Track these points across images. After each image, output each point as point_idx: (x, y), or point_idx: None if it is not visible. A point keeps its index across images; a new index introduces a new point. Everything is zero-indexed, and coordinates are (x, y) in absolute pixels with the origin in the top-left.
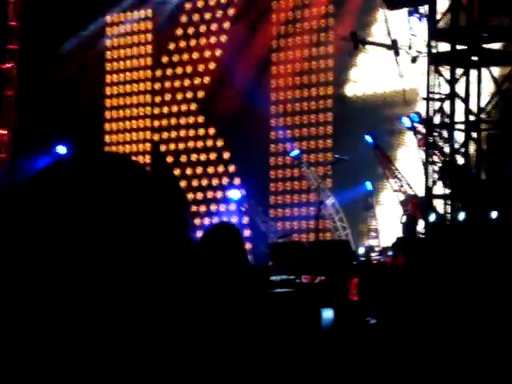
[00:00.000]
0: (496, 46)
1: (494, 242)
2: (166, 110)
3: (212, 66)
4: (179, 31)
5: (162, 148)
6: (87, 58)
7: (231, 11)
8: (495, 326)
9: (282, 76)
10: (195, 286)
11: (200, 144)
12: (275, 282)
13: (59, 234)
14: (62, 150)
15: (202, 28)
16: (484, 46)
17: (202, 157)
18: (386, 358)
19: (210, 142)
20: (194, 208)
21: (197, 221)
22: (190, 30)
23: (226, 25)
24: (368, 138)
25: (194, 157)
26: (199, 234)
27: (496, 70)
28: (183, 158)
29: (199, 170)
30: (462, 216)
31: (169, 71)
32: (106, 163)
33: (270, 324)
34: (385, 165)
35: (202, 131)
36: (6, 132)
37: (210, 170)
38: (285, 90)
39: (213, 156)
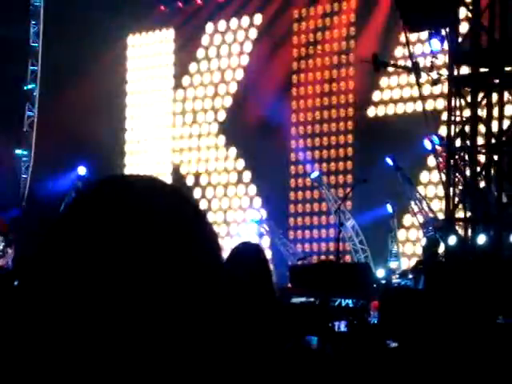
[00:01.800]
0: None
1: None
2: (186, 131)
3: (233, 87)
4: (201, 52)
5: (183, 170)
6: (108, 78)
7: (253, 33)
8: None
9: (302, 98)
10: (226, 307)
11: (220, 165)
12: (295, 304)
13: (96, 262)
14: (82, 170)
15: (224, 49)
16: (506, 68)
17: (223, 178)
18: (405, 381)
19: (230, 163)
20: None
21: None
22: (212, 52)
23: (248, 46)
24: (388, 161)
25: (214, 178)
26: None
27: None
28: (204, 180)
29: (220, 191)
30: (482, 239)
31: (190, 92)
32: (137, 187)
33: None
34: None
35: (222, 152)
36: (26, 152)
37: (231, 191)
38: (305, 111)
39: (233, 177)
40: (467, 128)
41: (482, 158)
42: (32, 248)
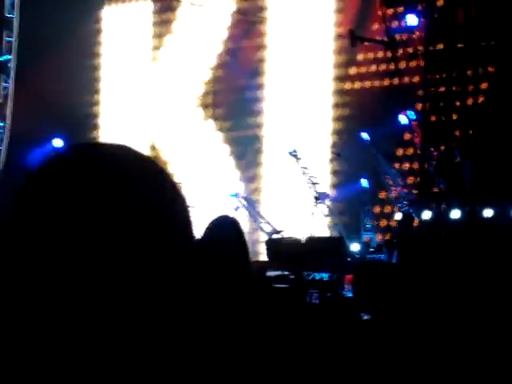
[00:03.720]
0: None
1: (488, 240)
2: (163, 104)
3: (210, 60)
4: (178, 25)
5: (160, 143)
6: (83, 51)
7: (232, 6)
8: (490, 322)
9: (280, 72)
10: (201, 282)
11: (198, 139)
12: (271, 278)
13: (61, 232)
14: (58, 143)
15: (202, 22)
16: (482, 43)
17: (200, 152)
18: (378, 353)
19: (208, 137)
20: (190, 203)
21: (193, 215)
22: (189, 24)
23: (225, 20)
24: (364, 135)
25: (191, 152)
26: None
27: (492, 68)
28: (181, 153)
29: (197, 165)
30: (456, 214)
31: (167, 66)
32: (108, 154)
33: (269, 318)
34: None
35: (200, 126)
36: (1, 124)
37: (208, 165)
38: (282, 85)
39: (210, 151)
40: (442, 103)
41: (457, 133)
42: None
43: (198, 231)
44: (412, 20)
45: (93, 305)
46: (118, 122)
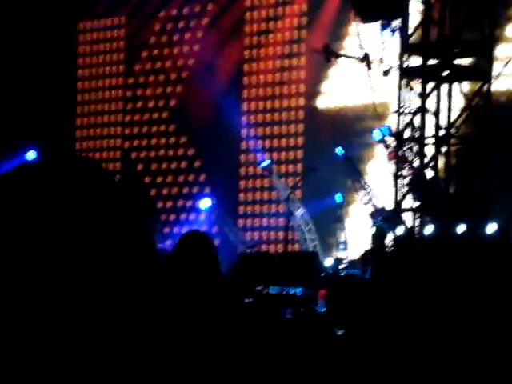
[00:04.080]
0: (467, 61)
1: (460, 255)
2: (137, 117)
3: (184, 74)
4: (152, 39)
5: (133, 155)
6: (60, 64)
7: (205, 20)
8: (463, 338)
9: (253, 86)
10: (166, 296)
11: (171, 152)
12: (244, 292)
13: (17, 239)
14: (31, 155)
15: (176, 36)
16: (455, 61)
17: (173, 165)
18: (352, 369)
19: (180, 151)
20: (163, 216)
21: (166, 229)
22: (164, 39)
23: (200, 34)
24: (338, 150)
25: (164, 165)
26: (169, 242)
27: (466, 86)
28: (154, 166)
29: (170, 178)
30: (429, 229)
31: (141, 79)
32: (72, 167)
33: (242, 334)
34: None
35: (173, 139)
36: None
37: (181, 178)
38: (256, 100)
39: (183, 164)
40: (416, 119)
41: (430, 149)
42: None
43: (171, 245)
44: (386, 36)
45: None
46: (93, 134)
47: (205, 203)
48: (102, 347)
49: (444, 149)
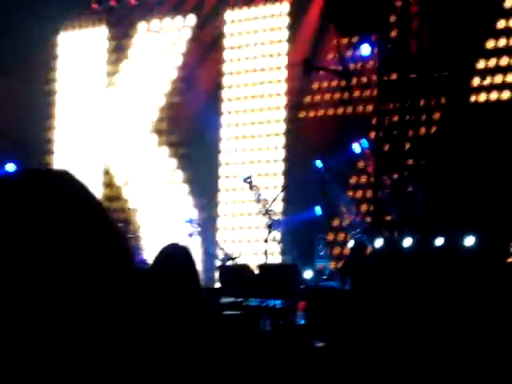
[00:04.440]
0: (446, 74)
1: (438, 268)
2: (118, 130)
3: (166, 87)
4: (133, 51)
5: (114, 168)
6: (38, 76)
7: (186, 33)
8: (438, 346)
9: (234, 99)
10: (145, 309)
11: (152, 164)
12: (224, 305)
13: None
14: (10, 167)
15: (157, 49)
16: (434, 74)
17: (154, 177)
18: (331, 380)
19: (162, 163)
20: (143, 229)
21: (146, 241)
22: (145, 51)
23: (181, 46)
24: (318, 163)
25: (145, 177)
26: (149, 254)
27: (444, 99)
28: (135, 179)
29: (151, 191)
30: (408, 242)
31: (122, 91)
32: (48, 179)
33: (221, 346)
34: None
35: (154, 152)
36: None
37: (162, 191)
38: (237, 113)
39: (164, 177)
40: (396, 132)
41: (409, 162)
42: None
43: (151, 258)
44: (366, 50)
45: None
46: (73, 147)
47: (184, 216)
48: (78, 358)
49: (423, 162)
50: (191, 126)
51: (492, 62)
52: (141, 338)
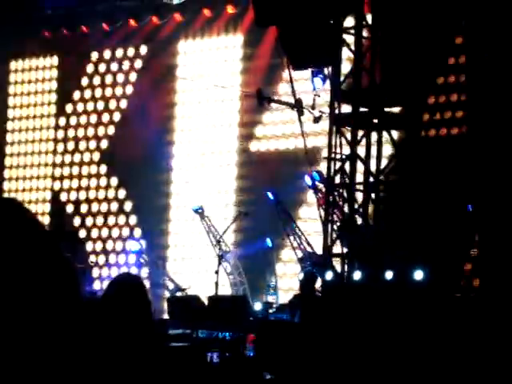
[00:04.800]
0: (396, 109)
1: (387, 302)
2: (68, 158)
3: (117, 116)
4: (85, 80)
5: (63, 197)
6: None
7: (138, 63)
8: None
9: (186, 129)
10: (94, 340)
11: (101, 194)
12: (172, 336)
13: None
14: None
15: (108, 78)
16: (385, 109)
17: (103, 207)
18: None
19: (111, 193)
20: (93, 258)
21: (96, 272)
22: (96, 80)
23: (133, 76)
24: (269, 195)
25: (94, 207)
26: (97, 284)
27: (395, 133)
28: (84, 208)
29: (100, 220)
30: (357, 275)
31: (72, 120)
32: None
33: (169, 377)
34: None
35: (103, 181)
36: None
37: (111, 220)
38: (188, 143)
39: (114, 206)
40: (347, 165)
41: (359, 196)
42: None
43: (101, 288)
44: (318, 83)
45: None
46: (22, 174)
47: (133, 246)
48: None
49: (373, 195)
50: (142, 156)
51: (442, 98)
52: (87, 365)
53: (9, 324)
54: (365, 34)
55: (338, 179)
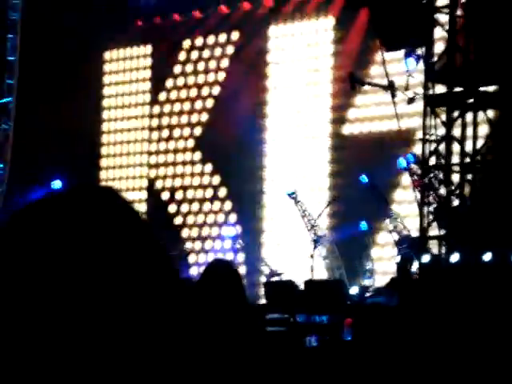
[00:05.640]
0: (492, 88)
1: (486, 283)
2: (162, 146)
3: (210, 103)
4: (178, 68)
5: (158, 185)
6: (84, 93)
7: (230, 49)
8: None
9: (278, 115)
10: (193, 326)
11: (196, 181)
12: (270, 321)
13: (40, 269)
14: (57, 184)
15: (201, 65)
16: (480, 88)
17: (198, 194)
18: None
19: (206, 179)
20: (189, 245)
21: (192, 258)
22: (189, 68)
23: (225, 63)
24: (363, 178)
25: (190, 194)
26: (194, 270)
27: (491, 113)
28: (179, 195)
29: (195, 206)
30: (455, 257)
31: (166, 108)
32: (95, 197)
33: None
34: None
35: (198, 168)
36: (1, 166)
37: (206, 206)
38: (281, 128)
39: (209, 193)
40: (442, 147)
41: (455, 177)
42: None
43: (197, 274)
44: (411, 64)
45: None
46: (119, 163)
47: (228, 231)
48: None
49: (469, 176)
50: (235, 143)
51: None
52: (187, 351)
53: (116, 309)
54: (458, 12)
55: (433, 161)
